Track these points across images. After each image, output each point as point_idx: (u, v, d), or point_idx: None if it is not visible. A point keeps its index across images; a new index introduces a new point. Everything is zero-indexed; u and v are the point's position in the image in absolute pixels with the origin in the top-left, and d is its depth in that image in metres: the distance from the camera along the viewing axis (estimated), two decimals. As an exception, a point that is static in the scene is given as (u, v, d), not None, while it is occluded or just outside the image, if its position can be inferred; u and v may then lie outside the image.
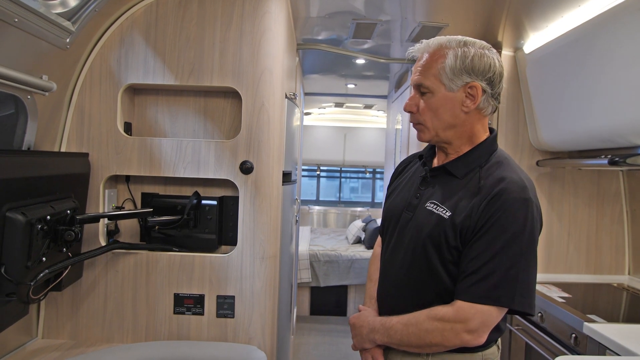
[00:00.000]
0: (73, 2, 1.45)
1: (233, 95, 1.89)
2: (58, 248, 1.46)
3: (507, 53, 2.49)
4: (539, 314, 2.06)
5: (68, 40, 1.51)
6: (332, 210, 6.75)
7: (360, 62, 3.43)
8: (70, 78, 1.71)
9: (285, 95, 2.01)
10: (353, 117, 6.31)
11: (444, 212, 1.14)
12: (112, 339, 1.79)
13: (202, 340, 1.78)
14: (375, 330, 1.20)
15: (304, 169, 6.85)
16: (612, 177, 2.52)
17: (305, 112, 5.74)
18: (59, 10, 1.41)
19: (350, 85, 4.41)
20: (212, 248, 1.86)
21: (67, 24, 1.46)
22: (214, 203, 1.84)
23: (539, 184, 2.49)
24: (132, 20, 1.77)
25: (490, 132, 1.23)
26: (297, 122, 2.56)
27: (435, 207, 1.16)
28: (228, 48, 1.78)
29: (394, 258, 1.24)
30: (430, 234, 1.14)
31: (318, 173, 6.94)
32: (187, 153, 1.78)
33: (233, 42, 1.77)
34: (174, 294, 1.79)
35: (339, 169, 7.09)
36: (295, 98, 2.35)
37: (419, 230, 1.17)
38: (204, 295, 1.79)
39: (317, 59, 3.51)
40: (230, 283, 1.79)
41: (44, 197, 1.44)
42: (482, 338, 1.09)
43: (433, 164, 1.28)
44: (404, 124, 3.67)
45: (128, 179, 1.89)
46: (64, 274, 1.60)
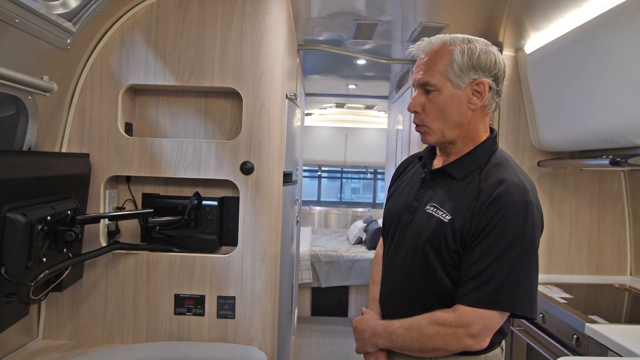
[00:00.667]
0: (74, 2, 1.46)
1: (234, 96, 1.89)
2: (58, 248, 1.46)
3: (508, 53, 2.49)
4: (541, 315, 2.05)
5: (69, 41, 1.51)
6: (333, 211, 6.75)
7: (361, 62, 3.43)
8: (71, 79, 1.71)
9: (286, 96, 2.01)
10: (354, 117, 6.31)
11: (444, 215, 1.13)
12: (112, 340, 1.79)
13: (202, 341, 1.78)
14: (378, 334, 1.20)
15: (306, 170, 6.85)
16: (613, 177, 2.51)
17: (306, 112, 5.74)
18: (60, 11, 1.41)
19: (351, 86, 4.41)
20: (212, 248, 1.86)
21: (67, 25, 1.46)
22: (215, 204, 1.84)
23: (540, 185, 2.48)
24: (132, 21, 1.78)
25: (491, 131, 1.22)
26: (297, 122, 2.56)
27: (435, 210, 1.15)
28: (229, 49, 1.78)
29: (395, 260, 1.24)
30: (430, 238, 1.13)
31: (319, 174, 6.94)
32: (187, 153, 1.78)
33: (234, 42, 1.78)
34: (175, 295, 1.79)
35: (340, 170, 7.08)
36: (296, 98, 2.35)
37: (419, 233, 1.16)
38: (205, 296, 1.79)
39: (317, 60, 3.50)
40: (231, 284, 1.79)
41: (45, 197, 1.44)
42: (484, 342, 1.08)
43: (433, 165, 1.27)
44: (405, 125, 3.66)
45: (129, 180, 1.89)
46: (65, 275, 1.60)
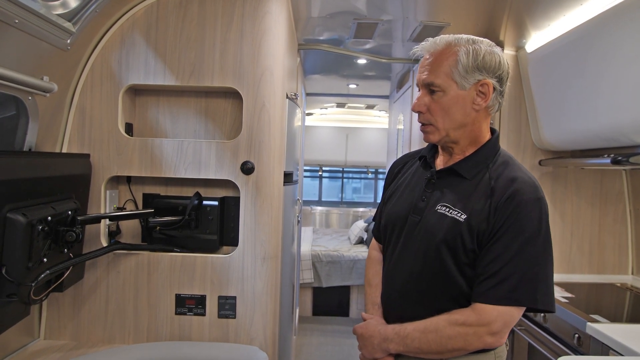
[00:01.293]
0: (74, 3, 1.46)
1: (234, 96, 1.89)
2: (59, 249, 1.46)
3: (508, 52, 2.48)
4: (542, 314, 2.05)
5: (69, 41, 1.51)
6: (334, 211, 6.75)
7: (362, 62, 3.42)
8: (71, 79, 1.71)
9: (287, 96, 2.00)
10: (355, 117, 6.30)
11: (459, 214, 1.12)
12: (113, 340, 1.80)
13: (203, 341, 1.78)
14: (389, 340, 1.17)
15: (306, 170, 6.84)
16: (615, 176, 2.51)
17: (307, 112, 5.74)
18: (60, 11, 1.41)
19: (352, 86, 4.41)
20: (213, 248, 1.86)
21: (67, 25, 1.46)
22: (215, 204, 1.84)
23: (542, 184, 2.41)
24: (132, 21, 1.78)
25: (492, 132, 1.22)
26: (298, 122, 2.56)
27: (448, 210, 1.14)
28: (229, 48, 1.78)
29: (402, 263, 1.21)
30: (445, 238, 1.12)
31: (320, 174, 6.94)
32: (188, 153, 1.78)
33: (234, 42, 1.77)
34: (176, 295, 1.79)
35: (341, 170, 7.07)
36: (297, 98, 2.34)
37: (431, 234, 1.14)
38: (206, 296, 1.79)
39: (318, 60, 3.50)
40: (232, 283, 1.79)
41: (45, 198, 1.44)
42: (503, 339, 1.09)
43: (436, 165, 1.25)
44: (406, 124, 3.66)
45: (129, 180, 1.89)
46: (66, 275, 1.60)
